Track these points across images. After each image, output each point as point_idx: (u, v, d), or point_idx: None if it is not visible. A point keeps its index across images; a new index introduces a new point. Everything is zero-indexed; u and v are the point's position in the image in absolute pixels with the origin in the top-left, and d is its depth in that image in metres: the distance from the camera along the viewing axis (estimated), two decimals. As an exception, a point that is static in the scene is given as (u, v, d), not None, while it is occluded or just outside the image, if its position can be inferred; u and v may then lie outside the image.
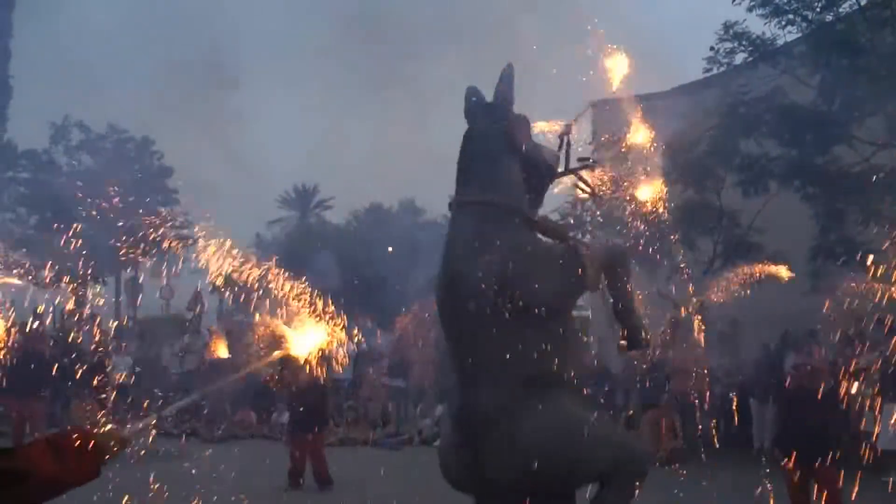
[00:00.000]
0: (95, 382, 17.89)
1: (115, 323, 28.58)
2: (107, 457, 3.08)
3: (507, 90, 5.58)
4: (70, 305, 20.83)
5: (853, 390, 9.56)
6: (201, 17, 64.53)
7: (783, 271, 13.06)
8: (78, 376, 18.06)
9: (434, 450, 5.78)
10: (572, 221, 16.87)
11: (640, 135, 6.56)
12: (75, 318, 20.46)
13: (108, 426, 3.23)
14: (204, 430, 17.15)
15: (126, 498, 9.80)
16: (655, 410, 14.83)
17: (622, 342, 5.66)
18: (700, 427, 14.60)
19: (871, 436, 11.69)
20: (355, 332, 14.87)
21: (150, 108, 50.91)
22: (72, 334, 19.70)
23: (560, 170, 5.88)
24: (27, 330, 16.09)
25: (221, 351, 17.02)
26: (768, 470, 9.80)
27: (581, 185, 6.10)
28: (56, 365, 16.18)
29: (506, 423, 4.95)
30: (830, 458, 8.32)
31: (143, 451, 10.74)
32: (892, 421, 12.17)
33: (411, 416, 17.63)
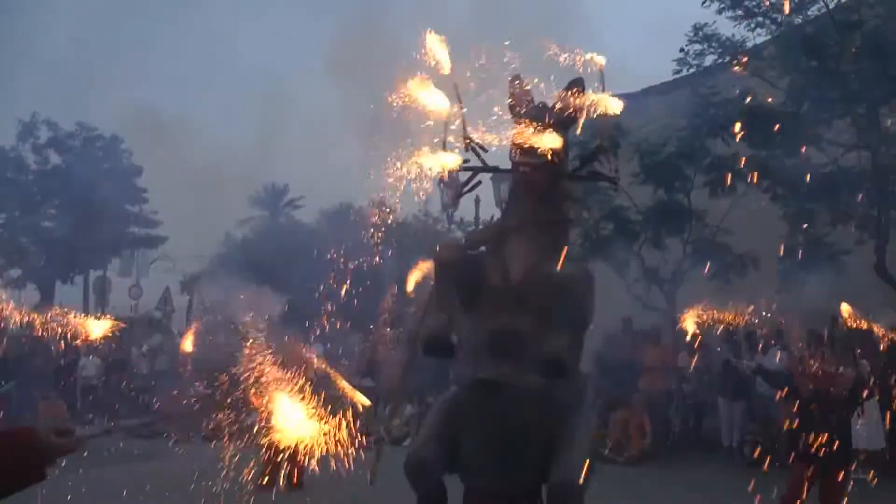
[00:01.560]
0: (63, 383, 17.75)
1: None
2: (53, 460, 2.97)
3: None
4: (38, 305, 20.57)
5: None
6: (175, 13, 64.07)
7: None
8: (45, 377, 17.92)
9: (404, 450, 5.73)
10: None
11: None
12: (42, 319, 20.21)
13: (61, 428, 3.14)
14: (172, 430, 16.95)
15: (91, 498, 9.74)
16: (624, 409, 14.87)
17: None
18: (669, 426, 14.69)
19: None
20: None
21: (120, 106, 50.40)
22: (39, 334, 19.50)
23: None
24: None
25: (187, 345, 16.72)
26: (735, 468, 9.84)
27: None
28: (23, 365, 16.06)
29: None
30: (846, 465, 8.17)
31: (109, 451, 10.69)
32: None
33: (380, 416, 17.53)
